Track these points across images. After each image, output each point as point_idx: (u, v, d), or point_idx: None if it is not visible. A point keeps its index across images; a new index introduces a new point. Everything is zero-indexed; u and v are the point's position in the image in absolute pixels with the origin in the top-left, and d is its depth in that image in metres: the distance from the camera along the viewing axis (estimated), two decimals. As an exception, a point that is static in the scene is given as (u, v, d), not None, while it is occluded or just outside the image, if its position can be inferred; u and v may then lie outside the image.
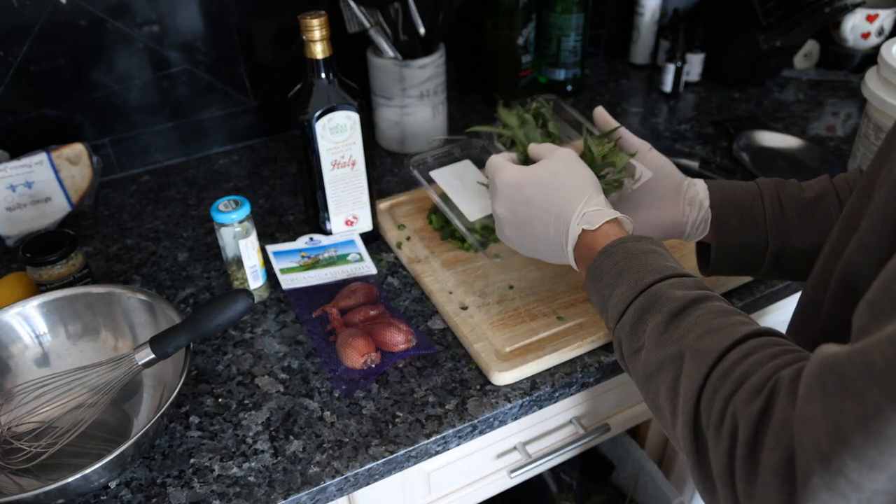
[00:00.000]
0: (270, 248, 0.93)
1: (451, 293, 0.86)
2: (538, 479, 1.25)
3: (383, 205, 1.02)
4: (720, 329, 0.50)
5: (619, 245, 0.60)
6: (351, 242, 0.95)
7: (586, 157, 0.75)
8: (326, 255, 0.93)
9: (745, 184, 0.73)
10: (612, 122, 0.78)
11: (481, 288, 0.87)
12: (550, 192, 0.66)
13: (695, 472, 0.48)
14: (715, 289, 0.85)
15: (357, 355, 0.76)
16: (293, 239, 0.98)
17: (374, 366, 0.77)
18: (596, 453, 1.26)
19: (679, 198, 0.73)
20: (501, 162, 0.71)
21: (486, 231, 0.94)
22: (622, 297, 0.57)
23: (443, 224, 0.96)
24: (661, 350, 0.52)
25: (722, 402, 0.45)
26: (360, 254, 0.93)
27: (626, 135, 0.77)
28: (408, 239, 0.96)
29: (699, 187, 0.73)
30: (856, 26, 1.37)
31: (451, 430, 0.72)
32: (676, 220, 0.73)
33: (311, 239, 0.95)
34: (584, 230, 0.63)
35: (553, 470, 1.25)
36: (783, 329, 0.57)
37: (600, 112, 0.78)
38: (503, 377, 0.76)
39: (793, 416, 0.40)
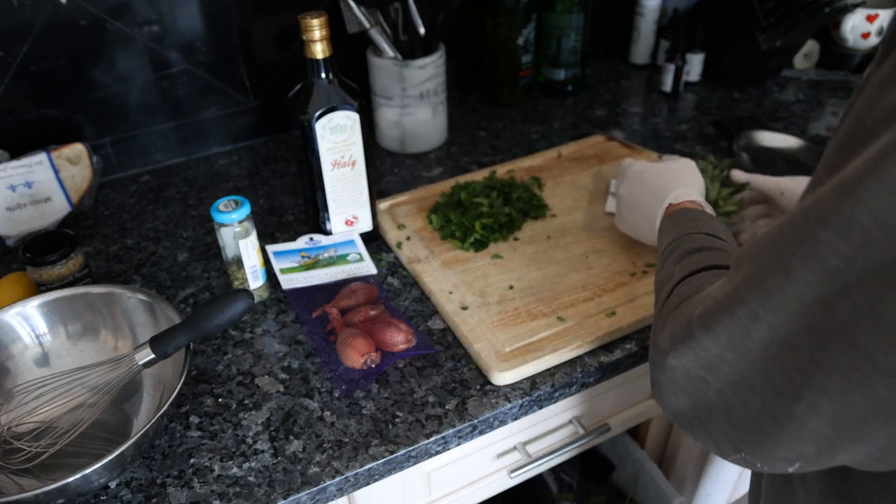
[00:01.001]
0: (270, 249, 0.93)
1: (451, 293, 0.86)
2: (538, 479, 1.25)
3: (383, 205, 1.02)
4: (707, 261, 0.60)
5: (684, 211, 0.73)
6: (351, 242, 0.95)
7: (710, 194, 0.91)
8: (326, 255, 0.93)
9: None
10: (744, 179, 0.93)
11: (481, 288, 0.87)
12: (662, 180, 0.81)
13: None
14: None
15: (357, 355, 0.76)
16: (293, 239, 0.98)
17: (374, 366, 0.77)
18: (596, 453, 1.26)
19: None
20: (634, 159, 0.90)
21: (486, 231, 0.94)
22: (669, 241, 0.69)
23: (443, 224, 0.96)
24: (671, 267, 0.63)
25: (678, 297, 0.57)
26: (359, 254, 0.93)
27: (758, 182, 0.91)
28: (408, 239, 0.96)
29: None
30: (856, 26, 1.37)
31: (451, 430, 0.72)
32: None
33: (311, 239, 0.95)
34: (670, 204, 0.76)
35: (553, 470, 1.25)
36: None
37: (736, 174, 0.94)
38: (503, 377, 0.76)
39: (702, 293, 0.50)
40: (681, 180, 0.80)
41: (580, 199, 1.03)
